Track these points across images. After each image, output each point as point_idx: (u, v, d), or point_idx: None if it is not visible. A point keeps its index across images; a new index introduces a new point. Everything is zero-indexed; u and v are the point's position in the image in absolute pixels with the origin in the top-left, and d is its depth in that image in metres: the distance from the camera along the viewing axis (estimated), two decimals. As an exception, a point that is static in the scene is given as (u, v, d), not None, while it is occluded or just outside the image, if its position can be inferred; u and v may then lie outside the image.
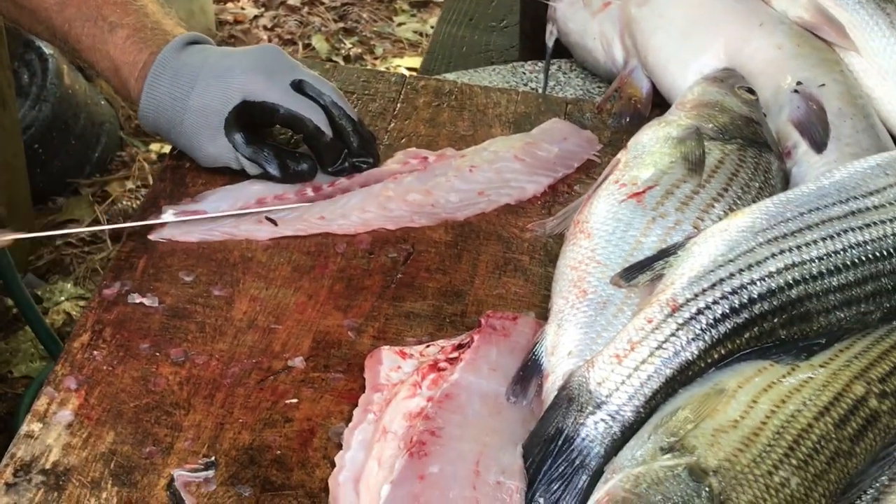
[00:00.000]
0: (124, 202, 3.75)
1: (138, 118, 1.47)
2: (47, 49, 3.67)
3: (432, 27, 4.95)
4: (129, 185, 3.83)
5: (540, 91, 1.79)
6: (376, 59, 4.41)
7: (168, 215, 1.39)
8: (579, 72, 1.84)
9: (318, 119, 1.44)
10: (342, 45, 4.50)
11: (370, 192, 1.43)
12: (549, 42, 1.79)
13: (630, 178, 1.34)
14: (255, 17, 4.83)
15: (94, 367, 1.21)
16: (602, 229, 1.29)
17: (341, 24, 4.65)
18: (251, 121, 1.44)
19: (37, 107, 3.60)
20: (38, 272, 3.43)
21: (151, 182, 3.81)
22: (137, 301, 1.29)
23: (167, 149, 4.15)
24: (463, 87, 1.70)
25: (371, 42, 4.72)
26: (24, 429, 1.14)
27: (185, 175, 1.49)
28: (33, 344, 3.14)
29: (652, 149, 1.39)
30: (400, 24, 4.99)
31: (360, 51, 4.50)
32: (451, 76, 1.82)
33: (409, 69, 4.21)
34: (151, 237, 1.38)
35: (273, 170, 1.44)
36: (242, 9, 4.90)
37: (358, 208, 1.41)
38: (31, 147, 3.45)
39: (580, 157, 1.54)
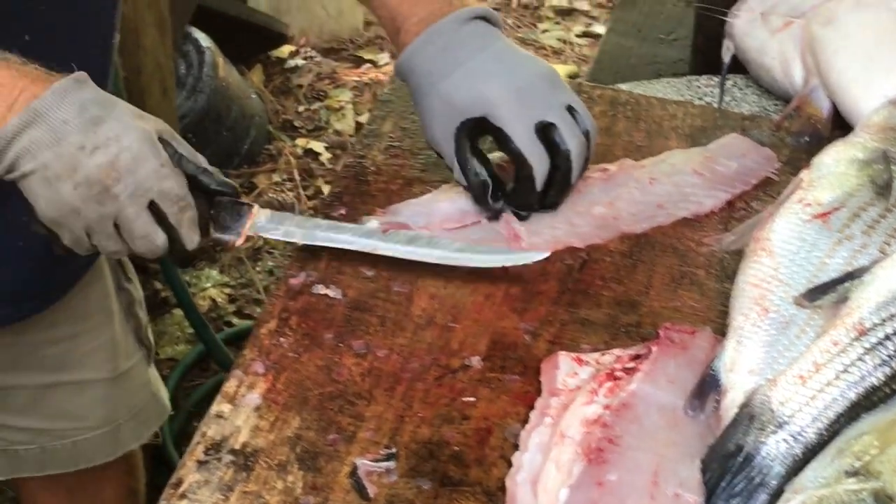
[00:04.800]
0: (270, 194, 3.83)
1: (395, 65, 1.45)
2: (204, 42, 3.78)
3: (577, 35, 4.96)
4: (276, 177, 3.91)
5: (715, 105, 1.78)
6: (522, 65, 4.41)
7: (373, 224, 1.40)
8: (755, 88, 1.83)
9: (539, 172, 1.38)
10: (489, 50, 4.51)
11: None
12: (726, 58, 1.79)
13: (814, 198, 1.33)
14: (402, 18, 4.87)
15: (281, 353, 1.25)
16: (785, 248, 1.28)
17: (489, 30, 4.66)
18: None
19: (192, 97, 3.70)
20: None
21: (297, 176, 3.90)
22: (322, 292, 1.32)
23: (313, 144, 4.20)
24: (639, 98, 1.71)
25: (515, 48, 4.72)
26: (214, 409, 1.18)
27: (366, 173, 1.52)
28: (179, 327, 3.23)
29: (837, 170, 1.37)
30: (544, 31, 5.00)
31: (506, 57, 4.50)
32: (625, 87, 1.82)
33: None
34: None
35: (472, 193, 1.41)
36: (391, 10, 4.95)
37: (548, 226, 1.41)
38: (184, 136, 3.52)
39: (758, 173, 1.53)
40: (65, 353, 1.68)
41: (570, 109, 1.40)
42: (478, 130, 1.40)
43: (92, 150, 1.17)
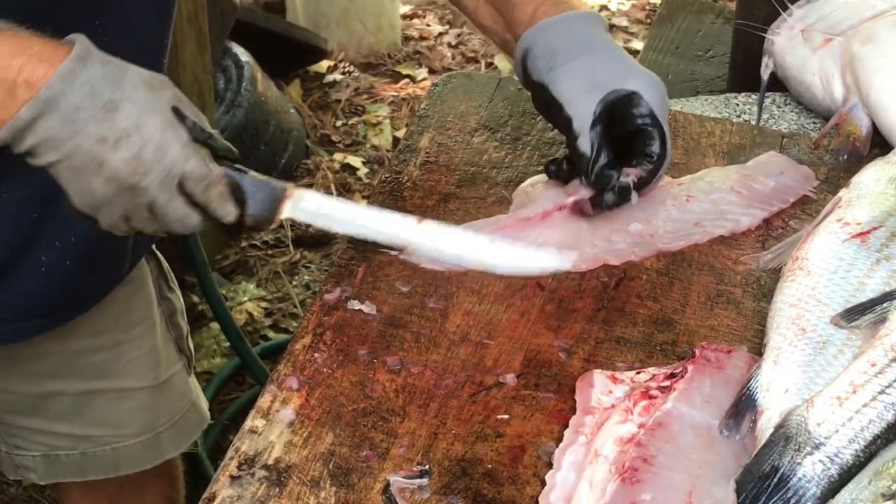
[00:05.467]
0: (308, 208, 3.83)
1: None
2: (243, 56, 3.80)
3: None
4: (313, 192, 3.92)
5: (753, 123, 1.77)
6: (560, 80, 4.41)
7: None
8: (794, 106, 1.82)
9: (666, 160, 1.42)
10: (526, 65, 4.52)
11: (594, 225, 1.43)
12: (765, 75, 1.78)
13: (852, 217, 1.32)
14: (440, 34, 4.90)
15: (315, 368, 1.25)
16: (823, 268, 1.27)
17: (527, 45, 4.67)
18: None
19: (231, 112, 3.72)
20: (223, 272, 3.54)
21: (334, 190, 3.91)
22: (356, 308, 1.32)
23: (350, 159, 4.21)
24: (677, 115, 1.70)
25: (553, 63, 4.71)
26: (248, 424, 1.18)
27: (402, 188, 1.52)
28: (216, 341, 3.25)
29: (876, 189, 1.36)
30: (583, 46, 4.99)
31: (543, 71, 4.50)
32: (662, 104, 1.81)
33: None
34: (397, 254, 1.34)
35: (592, 162, 1.39)
36: (428, 25, 4.97)
37: (587, 243, 1.41)
38: (223, 150, 3.57)
39: (796, 192, 1.51)
40: (108, 360, 1.70)
41: None
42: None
43: (114, 142, 1.14)
